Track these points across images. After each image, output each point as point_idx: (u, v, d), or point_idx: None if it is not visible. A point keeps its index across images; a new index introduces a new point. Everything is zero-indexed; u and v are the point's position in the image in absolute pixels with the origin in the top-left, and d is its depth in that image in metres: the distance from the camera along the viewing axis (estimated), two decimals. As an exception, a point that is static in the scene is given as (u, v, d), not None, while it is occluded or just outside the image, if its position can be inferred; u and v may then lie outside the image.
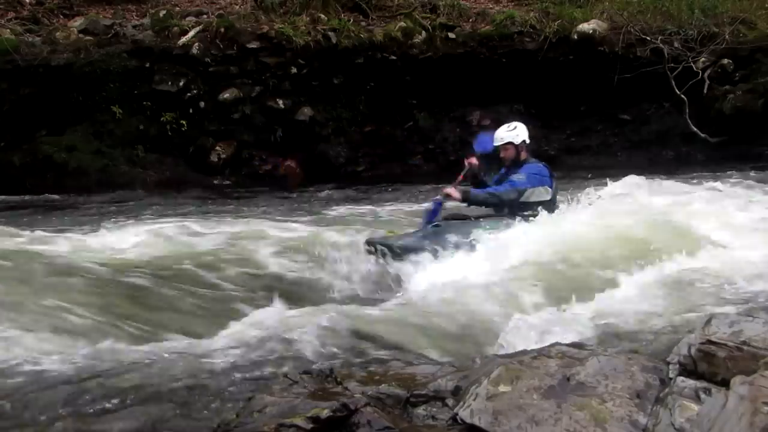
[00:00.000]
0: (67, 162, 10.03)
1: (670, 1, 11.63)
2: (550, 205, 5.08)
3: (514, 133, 5.35)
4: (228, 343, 3.35)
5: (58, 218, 7.21)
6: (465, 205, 5.13)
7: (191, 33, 10.55)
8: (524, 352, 2.25)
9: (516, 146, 5.32)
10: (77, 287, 4.03)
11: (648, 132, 11.38)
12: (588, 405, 1.84)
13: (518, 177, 5.12)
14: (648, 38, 10.97)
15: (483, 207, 5.18)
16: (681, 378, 1.91)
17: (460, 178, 5.35)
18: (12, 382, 2.91)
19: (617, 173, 6.77)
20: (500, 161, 5.42)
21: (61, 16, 11.01)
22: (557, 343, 2.28)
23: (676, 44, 11.03)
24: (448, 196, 5.13)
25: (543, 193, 5.13)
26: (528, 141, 5.39)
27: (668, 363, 2.02)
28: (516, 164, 5.27)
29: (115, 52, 10.31)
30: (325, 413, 1.88)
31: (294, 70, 10.64)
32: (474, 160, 5.41)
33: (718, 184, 6.87)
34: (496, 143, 5.36)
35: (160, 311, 3.85)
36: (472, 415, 1.87)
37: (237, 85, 10.57)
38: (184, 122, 10.41)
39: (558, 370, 2.02)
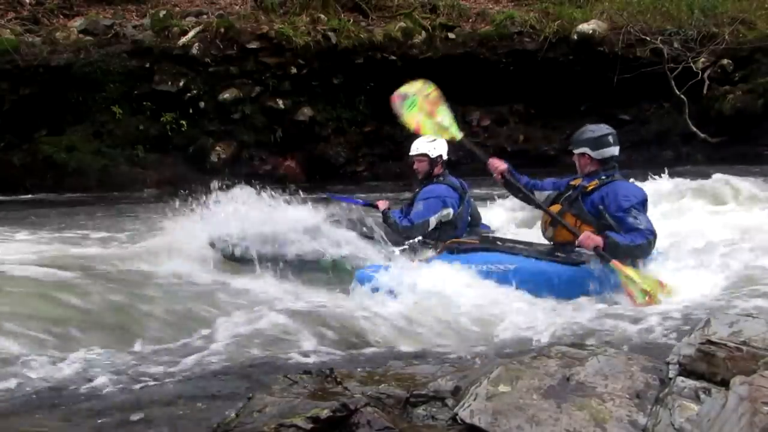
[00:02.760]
0: (67, 162, 10.04)
1: (670, 1, 11.64)
2: (453, 226, 4.83)
3: (431, 145, 5.07)
4: (228, 343, 3.34)
5: (58, 218, 7.20)
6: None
7: (191, 33, 10.55)
8: (524, 352, 2.26)
9: (431, 160, 5.04)
10: (76, 287, 4.02)
11: (648, 132, 11.38)
12: (588, 405, 1.85)
13: (416, 209, 4.82)
14: (648, 38, 10.98)
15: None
16: (681, 378, 1.91)
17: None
18: (11, 382, 2.91)
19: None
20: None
21: (61, 16, 11.02)
22: (557, 343, 2.28)
23: (675, 44, 11.04)
24: (375, 207, 5.03)
25: (446, 216, 4.82)
26: (445, 158, 5.12)
27: (668, 363, 2.02)
28: (428, 178, 5.02)
29: (115, 52, 10.32)
30: (325, 413, 1.88)
31: (294, 70, 10.65)
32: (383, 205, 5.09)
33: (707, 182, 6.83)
34: (411, 153, 5.10)
35: (159, 311, 3.85)
36: (471, 415, 1.87)
37: (237, 85, 10.58)
38: (184, 122, 10.42)
39: (558, 370, 2.02)
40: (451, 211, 4.86)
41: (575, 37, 11.13)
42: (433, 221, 4.78)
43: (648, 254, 3.92)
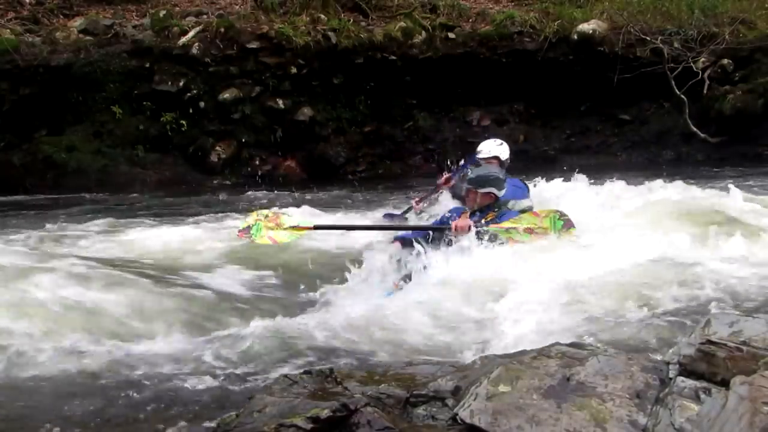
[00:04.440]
0: (67, 162, 10.04)
1: (670, 1, 11.64)
2: None
3: (501, 148, 5.34)
4: (228, 343, 3.34)
5: (58, 218, 7.20)
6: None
7: (191, 33, 10.55)
8: (524, 352, 2.25)
9: (501, 162, 5.30)
10: (75, 287, 4.02)
11: (648, 132, 11.38)
12: (588, 405, 1.85)
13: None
14: (648, 38, 10.97)
15: None
16: (681, 378, 1.91)
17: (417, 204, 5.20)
18: (10, 382, 2.91)
19: (617, 173, 6.77)
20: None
21: (61, 16, 11.01)
22: (557, 343, 2.28)
23: (676, 44, 11.03)
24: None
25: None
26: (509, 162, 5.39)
27: (668, 363, 2.02)
28: None
29: (115, 52, 10.31)
30: (325, 413, 1.88)
31: (294, 70, 10.65)
32: (448, 183, 5.34)
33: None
34: (482, 156, 5.30)
35: (160, 311, 3.85)
36: (471, 415, 1.87)
37: (237, 85, 10.58)
38: (184, 122, 10.42)
39: (558, 370, 2.02)
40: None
41: (575, 37, 11.13)
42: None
43: None
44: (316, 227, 4.86)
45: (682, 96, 10.88)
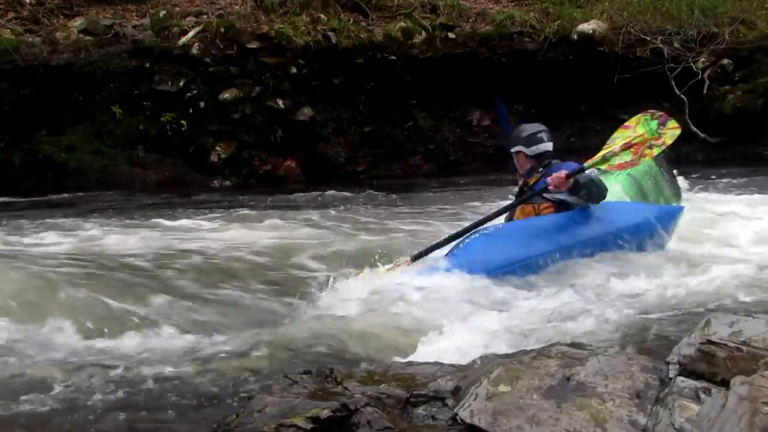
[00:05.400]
0: (67, 162, 10.04)
1: (670, 1, 11.64)
2: None
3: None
4: (228, 342, 3.35)
5: (57, 218, 7.20)
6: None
7: (191, 33, 10.55)
8: (524, 352, 2.25)
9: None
10: (75, 288, 4.02)
11: (648, 132, 11.37)
12: (588, 405, 1.85)
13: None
14: (648, 38, 10.97)
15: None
16: (681, 378, 1.91)
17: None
18: (10, 382, 2.91)
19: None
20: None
21: (61, 16, 11.00)
22: (557, 343, 2.28)
23: (675, 44, 11.03)
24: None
25: None
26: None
27: (668, 363, 2.02)
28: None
29: (115, 52, 10.31)
30: (325, 413, 1.88)
31: (294, 70, 10.64)
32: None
33: None
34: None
35: (159, 311, 3.84)
36: (471, 415, 1.87)
37: (237, 85, 10.57)
38: (184, 122, 10.41)
39: (558, 370, 2.02)
40: None
41: (575, 37, 11.13)
42: None
43: (602, 196, 4.20)
44: (414, 258, 4.26)
45: (682, 96, 10.88)
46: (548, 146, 4.48)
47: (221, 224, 6.70)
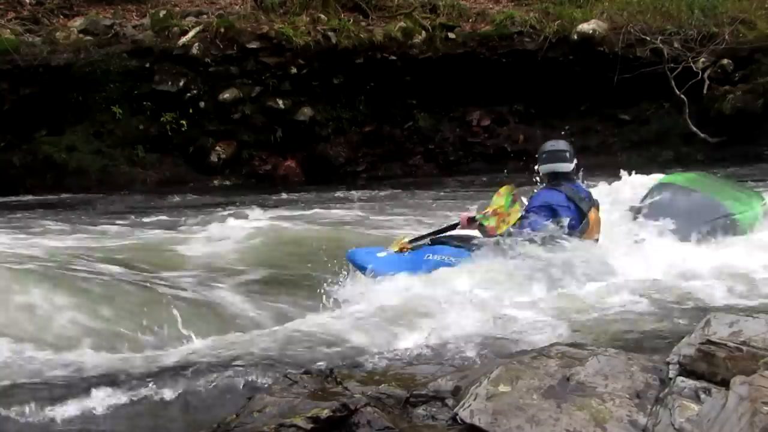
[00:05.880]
0: (67, 162, 10.05)
1: (670, 1, 11.63)
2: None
3: None
4: (228, 343, 3.35)
5: (58, 218, 7.20)
6: None
7: (191, 33, 10.55)
8: (524, 352, 2.26)
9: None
10: (74, 288, 4.02)
11: (648, 132, 11.38)
12: (588, 405, 1.85)
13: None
14: (648, 38, 10.97)
15: None
16: (681, 378, 1.91)
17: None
18: (9, 382, 2.91)
19: (617, 173, 6.75)
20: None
21: (61, 16, 11.01)
22: (557, 343, 2.28)
23: (675, 44, 11.03)
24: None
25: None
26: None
27: (668, 363, 2.03)
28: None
29: (115, 52, 10.32)
30: (325, 413, 1.88)
31: (294, 70, 10.65)
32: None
33: None
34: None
35: (159, 311, 3.84)
36: (471, 415, 1.87)
37: (237, 85, 10.58)
38: (184, 122, 10.42)
39: (558, 370, 2.02)
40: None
41: (575, 37, 11.13)
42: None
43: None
44: (411, 242, 4.57)
45: (682, 96, 10.88)
46: (554, 167, 4.33)
47: (221, 224, 6.69)
